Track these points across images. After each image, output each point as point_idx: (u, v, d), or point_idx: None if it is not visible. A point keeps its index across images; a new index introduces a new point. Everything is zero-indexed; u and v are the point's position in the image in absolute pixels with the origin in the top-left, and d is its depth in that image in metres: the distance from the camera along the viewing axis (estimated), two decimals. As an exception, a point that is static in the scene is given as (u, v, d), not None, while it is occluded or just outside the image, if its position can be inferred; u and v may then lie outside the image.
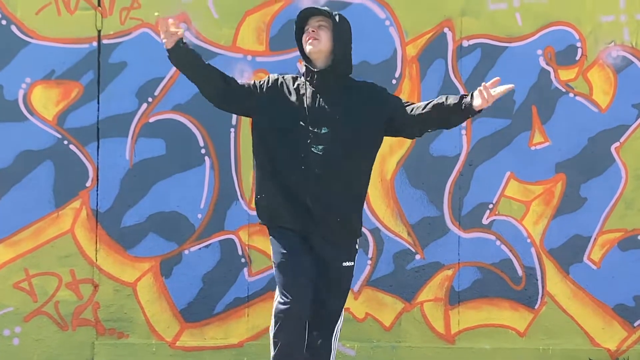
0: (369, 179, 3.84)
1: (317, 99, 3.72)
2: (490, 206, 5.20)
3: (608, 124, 5.21)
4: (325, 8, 3.85)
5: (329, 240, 3.68)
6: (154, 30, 5.00)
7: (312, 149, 3.65)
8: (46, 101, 5.01)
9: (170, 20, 3.51)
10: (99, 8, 5.00)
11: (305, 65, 3.79)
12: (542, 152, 5.21)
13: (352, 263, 3.76)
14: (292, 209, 3.67)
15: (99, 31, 5.02)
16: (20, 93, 4.98)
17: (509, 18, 5.18)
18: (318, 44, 3.72)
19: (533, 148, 5.21)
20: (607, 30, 5.19)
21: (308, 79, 3.76)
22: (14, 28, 4.95)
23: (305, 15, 3.80)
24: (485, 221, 5.21)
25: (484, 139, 5.19)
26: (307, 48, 3.74)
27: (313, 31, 3.73)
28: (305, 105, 3.71)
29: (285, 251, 3.65)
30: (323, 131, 3.66)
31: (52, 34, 4.99)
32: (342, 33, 3.76)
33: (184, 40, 3.58)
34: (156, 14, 4.76)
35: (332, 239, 3.69)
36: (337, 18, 3.74)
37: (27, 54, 4.99)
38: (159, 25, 3.57)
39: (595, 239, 5.23)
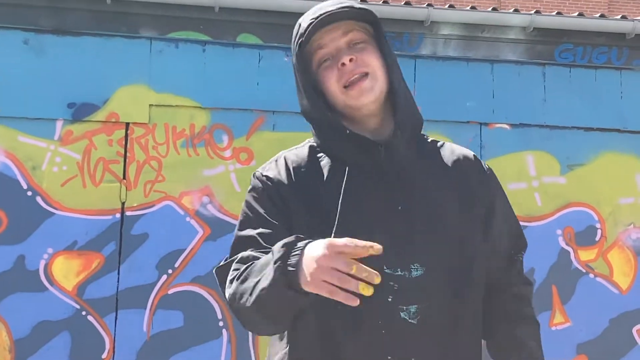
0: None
1: (396, 205, 1.85)
2: (511, 387, 5.12)
3: (629, 305, 5.20)
4: (355, 3, 1.93)
5: None
6: (176, 203, 5.06)
7: (402, 313, 1.81)
8: (67, 272, 5.01)
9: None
10: (124, 181, 5.07)
11: (349, 135, 1.87)
12: (563, 332, 5.16)
13: None
14: None
15: (123, 203, 5.07)
16: (42, 263, 4.99)
17: (528, 197, 5.23)
18: (375, 82, 1.86)
19: (554, 328, 5.17)
20: (626, 212, 5.25)
21: (365, 161, 1.88)
22: (39, 199, 5.01)
23: (316, 28, 1.86)
24: (505, 402, 5.11)
25: (504, 317, 5.15)
26: (353, 99, 1.86)
27: (351, 60, 1.84)
28: (374, 223, 1.83)
29: None
30: (415, 274, 1.82)
31: (76, 206, 5.03)
32: (387, 45, 1.92)
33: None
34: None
35: None
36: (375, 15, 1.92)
37: (51, 225, 5.01)
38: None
39: None
